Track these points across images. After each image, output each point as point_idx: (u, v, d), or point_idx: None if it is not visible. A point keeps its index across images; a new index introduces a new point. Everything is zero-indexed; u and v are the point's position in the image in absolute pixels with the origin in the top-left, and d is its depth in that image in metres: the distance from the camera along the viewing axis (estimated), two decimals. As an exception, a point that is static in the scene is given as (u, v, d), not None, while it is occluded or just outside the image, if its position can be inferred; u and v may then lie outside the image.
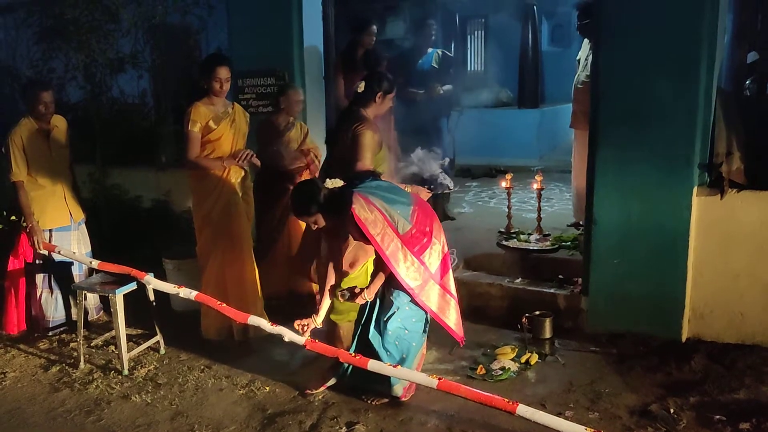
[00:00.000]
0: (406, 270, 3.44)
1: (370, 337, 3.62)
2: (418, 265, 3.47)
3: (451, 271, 3.70)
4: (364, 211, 3.37)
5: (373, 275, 3.64)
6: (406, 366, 3.57)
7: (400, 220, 3.44)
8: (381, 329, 3.61)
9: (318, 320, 3.72)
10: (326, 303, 3.75)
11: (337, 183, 3.51)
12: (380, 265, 3.54)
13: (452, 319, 3.67)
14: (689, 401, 3.52)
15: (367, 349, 3.62)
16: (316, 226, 3.61)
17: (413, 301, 3.55)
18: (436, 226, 3.63)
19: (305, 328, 3.66)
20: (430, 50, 6.42)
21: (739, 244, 4.09)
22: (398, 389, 3.66)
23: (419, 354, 3.75)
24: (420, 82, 6.18)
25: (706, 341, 4.19)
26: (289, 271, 4.88)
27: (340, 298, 3.67)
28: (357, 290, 3.60)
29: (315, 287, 4.82)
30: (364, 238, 3.44)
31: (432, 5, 9.12)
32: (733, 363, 3.91)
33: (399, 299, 3.58)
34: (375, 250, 3.49)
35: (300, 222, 4.84)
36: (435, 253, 3.57)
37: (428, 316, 3.68)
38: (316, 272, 4.25)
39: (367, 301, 3.62)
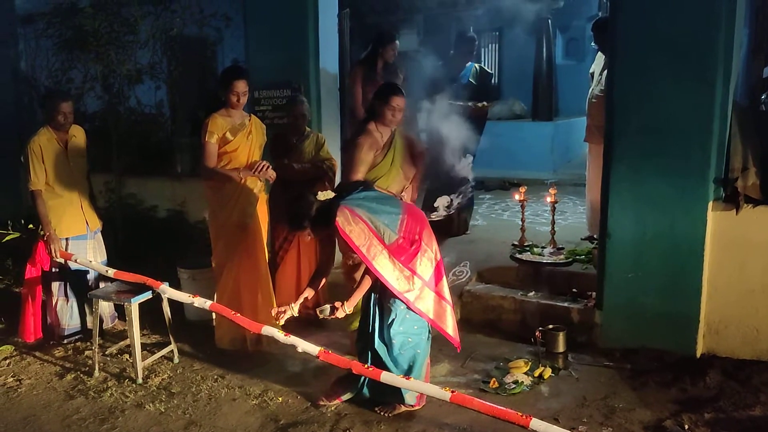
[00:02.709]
0: (396, 279, 3.50)
1: (376, 347, 3.64)
2: (408, 273, 3.52)
3: (445, 278, 3.74)
4: (348, 224, 3.45)
5: (356, 288, 3.66)
6: (415, 374, 3.60)
7: (386, 230, 3.51)
8: (386, 339, 3.63)
9: (294, 309, 3.71)
10: (305, 294, 3.78)
11: (329, 195, 3.60)
12: (365, 274, 3.60)
13: (449, 325, 3.71)
14: (704, 417, 3.50)
15: (378, 360, 3.64)
16: (310, 238, 3.76)
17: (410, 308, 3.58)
18: (426, 233, 3.67)
19: (281, 315, 3.68)
20: (468, 64, 6.42)
21: (754, 259, 4.07)
22: (410, 398, 3.67)
23: (426, 362, 3.77)
24: (456, 96, 6.15)
25: (721, 357, 4.16)
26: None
27: (320, 315, 3.67)
28: (337, 304, 3.61)
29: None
30: (351, 248, 3.51)
31: (446, 18, 9.16)
32: (748, 379, 3.88)
33: (396, 306, 3.60)
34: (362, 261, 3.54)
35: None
36: (427, 261, 3.61)
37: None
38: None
39: (347, 314, 3.63)
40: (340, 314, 3.60)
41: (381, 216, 3.54)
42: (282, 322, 3.69)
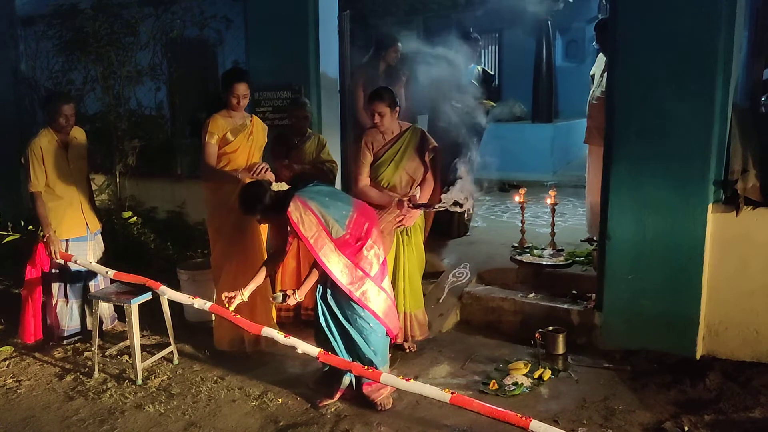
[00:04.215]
0: (340, 272, 3.67)
1: (347, 329, 3.78)
2: (353, 267, 3.68)
3: (388, 276, 3.94)
4: (299, 214, 3.64)
5: (306, 276, 3.89)
6: (380, 359, 3.80)
7: (334, 225, 3.68)
8: (354, 324, 3.78)
9: (245, 294, 3.88)
10: (257, 279, 3.94)
11: (283, 187, 3.82)
12: (315, 265, 3.80)
13: (392, 319, 3.89)
14: (704, 419, 3.50)
15: (350, 342, 3.80)
16: (262, 224, 4.17)
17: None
18: (375, 231, 3.84)
19: (231, 300, 3.84)
20: (470, 65, 6.41)
21: (754, 261, 4.07)
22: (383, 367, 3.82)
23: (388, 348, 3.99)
24: (459, 96, 6.12)
25: (721, 359, 4.16)
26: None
27: (272, 301, 3.91)
28: (289, 292, 3.82)
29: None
30: (299, 238, 3.70)
31: (446, 20, 9.15)
32: (748, 381, 3.88)
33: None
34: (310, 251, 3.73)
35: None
36: (373, 257, 3.78)
37: None
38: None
39: (298, 301, 3.86)
40: (291, 302, 3.82)
41: (331, 210, 3.71)
42: (232, 308, 3.83)
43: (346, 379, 3.86)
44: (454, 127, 5.27)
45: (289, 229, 3.83)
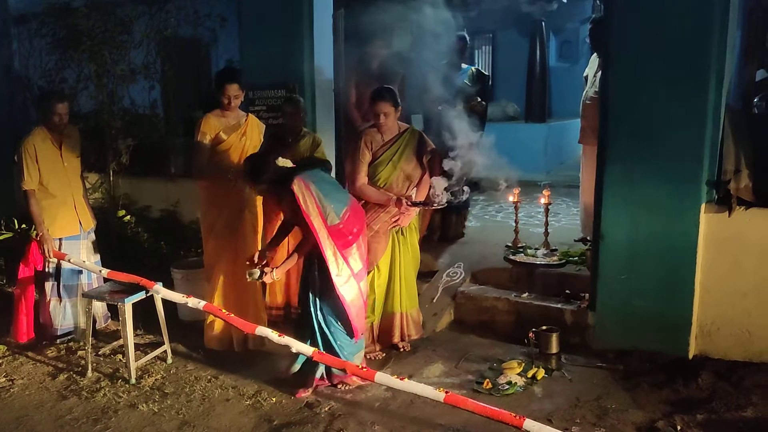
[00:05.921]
0: (330, 259, 3.74)
1: (316, 328, 3.89)
2: (341, 259, 3.78)
3: (366, 278, 4.04)
4: (301, 191, 3.72)
5: (288, 257, 3.98)
6: (353, 357, 3.93)
7: (330, 213, 3.75)
8: (326, 321, 3.88)
9: (276, 274, 3.90)
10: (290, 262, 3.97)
11: (288, 163, 3.86)
12: (297, 248, 3.92)
13: (360, 319, 3.99)
14: (696, 419, 3.51)
15: (326, 340, 3.92)
16: (258, 194, 4.27)
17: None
18: (362, 237, 3.98)
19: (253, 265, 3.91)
20: (464, 66, 6.41)
21: (747, 261, 4.09)
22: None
23: (361, 348, 4.10)
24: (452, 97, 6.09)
25: (713, 359, 4.18)
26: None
27: (248, 278, 3.92)
28: (267, 269, 3.88)
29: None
30: (297, 218, 3.77)
31: (441, 20, 9.14)
32: (740, 381, 3.90)
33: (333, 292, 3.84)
34: (304, 234, 3.84)
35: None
36: (358, 255, 3.88)
37: None
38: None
39: (274, 280, 4.00)
40: (267, 279, 3.89)
41: (329, 199, 3.79)
42: (255, 277, 3.87)
43: (320, 370, 3.97)
44: (446, 128, 5.25)
45: (287, 208, 3.89)
